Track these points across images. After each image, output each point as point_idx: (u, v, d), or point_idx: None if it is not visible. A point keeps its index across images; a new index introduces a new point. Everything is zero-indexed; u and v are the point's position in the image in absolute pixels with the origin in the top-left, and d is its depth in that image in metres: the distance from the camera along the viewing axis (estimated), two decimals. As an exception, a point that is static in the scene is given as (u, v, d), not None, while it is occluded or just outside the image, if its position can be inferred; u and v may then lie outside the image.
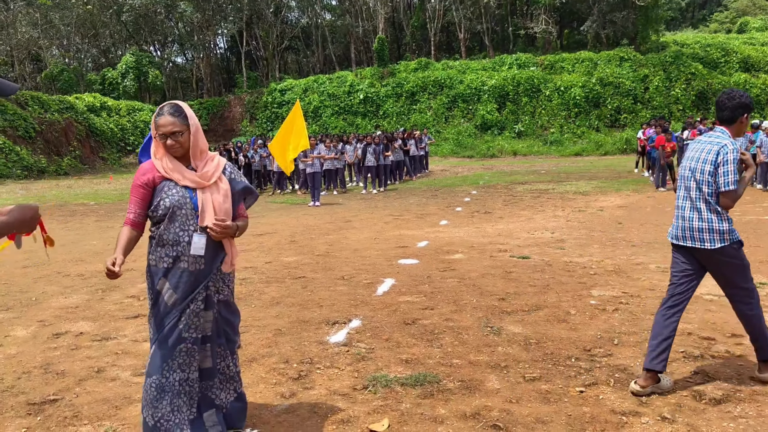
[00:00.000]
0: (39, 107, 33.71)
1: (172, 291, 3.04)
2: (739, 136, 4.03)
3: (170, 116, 3.02)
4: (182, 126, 3.03)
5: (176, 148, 3.06)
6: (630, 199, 14.58)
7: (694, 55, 37.57)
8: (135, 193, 3.10)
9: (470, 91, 38.62)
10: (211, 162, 3.18)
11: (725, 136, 3.89)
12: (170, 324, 3.04)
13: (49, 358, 4.87)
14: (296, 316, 5.80)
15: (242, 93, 46.96)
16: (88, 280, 7.75)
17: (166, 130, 3.02)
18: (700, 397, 3.79)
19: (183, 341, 3.08)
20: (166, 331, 3.04)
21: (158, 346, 3.04)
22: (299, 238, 10.53)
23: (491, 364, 4.46)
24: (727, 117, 3.92)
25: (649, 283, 6.61)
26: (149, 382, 3.03)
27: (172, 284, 3.04)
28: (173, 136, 3.02)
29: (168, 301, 3.04)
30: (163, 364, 3.03)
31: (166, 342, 3.03)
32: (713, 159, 3.81)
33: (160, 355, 3.03)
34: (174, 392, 3.06)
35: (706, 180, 3.85)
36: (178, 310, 3.05)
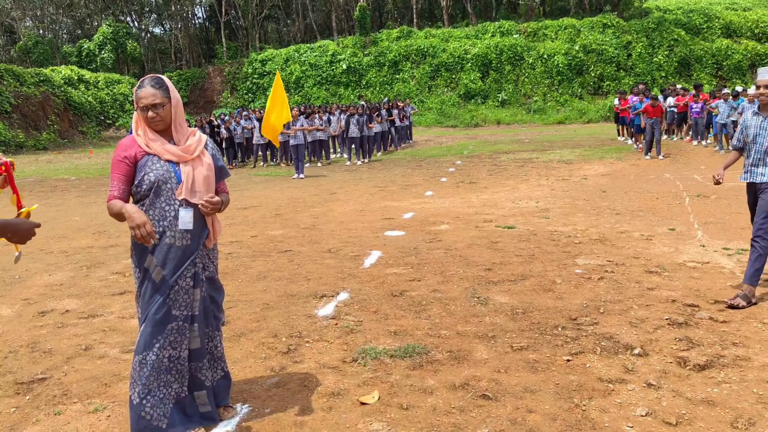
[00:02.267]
0: (14, 81, 33.03)
1: (160, 267, 3.01)
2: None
3: (151, 88, 2.99)
4: (163, 98, 2.99)
5: (157, 121, 3.01)
6: (614, 167, 14.66)
7: (677, 21, 37.50)
8: (117, 169, 3.02)
9: (453, 59, 38.37)
10: (193, 136, 3.16)
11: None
12: (159, 301, 3.02)
13: (35, 337, 4.84)
14: (284, 290, 5.80)
15: (222, 64, 46.26)
16: (71, 256, 7.68)
17: (147, 102, 2.98)
18: (685, 364, 3.86)
19: (174, 319, 3.06)
20: (155, 309, 3.02)
21: (148, 324, 3.01)
22: (284, 211, 10.49)
23: (479, 334, 4.50)
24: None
25: (634, 251, 6.68)
26: (138, 359, 3.01)
27: (159, 260, 3.01)
28: (154, 108, 2.99)
29: (156, 278, 3.01)
30: (153, 341, 3.01)
31: (156, 320, 3.01)
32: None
33: (150, 332, 3.01)
34: (163, 368, 3.06)
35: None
36: (167, 286, 3.03)
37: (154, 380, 3.02)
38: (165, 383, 3.07)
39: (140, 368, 3.00)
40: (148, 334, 3.01)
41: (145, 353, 3.01)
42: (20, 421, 3.50)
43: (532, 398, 3.50)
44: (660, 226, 7.84)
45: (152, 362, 3.01)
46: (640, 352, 4.06)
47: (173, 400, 3.11)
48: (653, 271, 5.88)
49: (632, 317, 4.70)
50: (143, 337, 3.01)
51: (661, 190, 10.77)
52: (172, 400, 3.10)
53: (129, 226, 2.90)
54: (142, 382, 2.99)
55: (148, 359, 3.00)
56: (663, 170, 13.47)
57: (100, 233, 9.20)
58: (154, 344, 3.01)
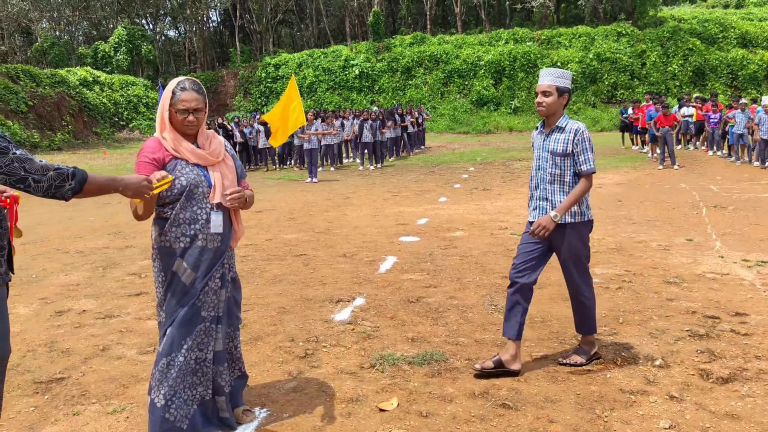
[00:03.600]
0: (30, 81, 33.31)
1: (191, 270, 3.00)
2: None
3: (195, 92, 2.96)
4: (203, 103, 3.00)
5: (194, 126, 3.00)
6: (628, 176, 14.58)
7: (692, 30, 37.31)
8: (145, 171, 2.91)
9: (466, 66, 38.35)
10: (215, 139, 3.16)
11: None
12: (190, 303, 3.01)
13: (53, 336, 4.86)
14: (299, 294, 5.79)
15: (236, 67, 46.46)
16: (87, 257, 7.70)
17: (191, 105, 2.95)
18: (707, 376, 3.81)
19: (202, 320, 3.06)
20: (186, 310, 3.00)
21: (176, 326, 2.99)
22: (298, 215, 10.49)
23: (497, 342, 4.47)
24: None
25: (651, 261, 6.62)
26: (165, 361, 2.99)
27: (190, 263, 3.00)
28: (196, 113, 2.97)
29: (186, 281, 3.00)
30: (181, 343, 2.99)
31: (186, 321, 3.00)
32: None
33: (178, 334, 2.99)
34: (189, 370, 3.04)
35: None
36: (197, 288, 3.02)
37: (181, 382, 3.01)
38: (190, 385, 3.06)
39: (167, 370, 2.99)
40: (176, 336, 3.00)
41: (173, 355, 2.99)
42: (39, 420, 3.50)
43: (553, 408, 3.46)
44: (677, 237, 7.77)
45: (180, 364, 2.99)
46: (661, 363, 4.01)
47: (197, 402, 3.10)
48: (672, 282, 5.83)
49: (652, 328, 4.65)
50: (170, 340, 3.00)
51: (677, 200, 10.70)
52: (196, 402, 3.09)
53: (139, 189, 2.65)
54: (169, 384, 2.97)
55: (176, 361, 2.99)
56: (678, 180, 13.38)
57: (115, 234, 9.23)
58: (182, 346, 3.00)
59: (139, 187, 2.62)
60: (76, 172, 2.20)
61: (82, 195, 2.26)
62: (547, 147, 3.86)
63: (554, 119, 3.84)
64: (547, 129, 3.88)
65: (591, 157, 3.79)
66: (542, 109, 3.79)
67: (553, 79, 3.76)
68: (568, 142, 3.78)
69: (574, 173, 3.82)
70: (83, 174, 2.22)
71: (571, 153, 3.78)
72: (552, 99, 3.76)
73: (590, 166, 3.78)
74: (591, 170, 3.78)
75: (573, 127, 3.78)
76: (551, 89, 3.75)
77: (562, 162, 3.80)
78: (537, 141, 3.99)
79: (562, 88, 3.76)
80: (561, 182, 3.82)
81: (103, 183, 2.35)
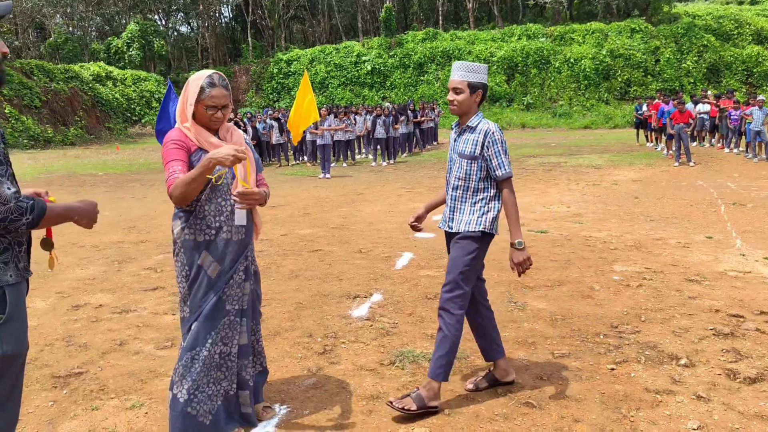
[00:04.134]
0: (44, 76, 33.50)
1: (216, 263, 2.96)
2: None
3: (224, 89, 2.93)
4: (230, 99, 3.00)
5: (220, 121, 2.98)
6: (644, 173, 14.44)
7: (707, 26, 36.98)
8: (176, 154, 2.86)
9: (478, 62, 38.10)
10: (235, 132, 3.12)
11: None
12: (216, 297, 2.97)
13: (70, 331, 4.84)
14: (316, 290, 5.75)
15: (248, 63, 46.53)
16: (103, 251, 7.70)
17: (220, 102, 2.92)
18: (734, 376, 3.73)
19: (227, 314, 3.02)
20: (211, 304, 2.97)
21: (201, 320, 2.95)
22: (312, 211, 10.46)
23: (518, 340, 4.41)
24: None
25: (671, 258, 6.53)
26: (189, 356, 2.94)
27: (216, 256, 2.96)
28: (224, 109, 2.96)
29: (212, 274, 2.96)
30: (206, 337, 2.95)
31: (211, 315, 2.96)
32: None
33: (203, 328, 2.95)
34: (213, 365, 3.00)
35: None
36: (223, 281, 2.99)
37: (204, 376, 2.97)
38: (214, 380, 3.02)
39: (191, 365, 2.94)
40: (201, 330, 2.95)
41: (197, 350, 2.95)
42: (58, 415, 3.48)
43: (578, 407, 3.40)
44: (696, 234, 7.67)
45: (204, 358, 2.95)
46: (686, 362, 3.94)
47: (221, 398, 3.06)
48: (693, 280, 5.74)
49: (675, 326, 4.58)
50: (195, 334, 2.95)
51: (694, 197, 10.57)
52: (221, 397, 3.05)
53: (221, 158, 2.66)
54: (192, 378, 2.93)
55: (200, 355, 2.95)
56: (695, 177, 13.23)
57: (130, 229, 9.24)
58: (206, 340, 2.96)
59: (172, 183, 2.72)
60: (35, 206, 2.15)
61: (37, 227, 2.21)
62: (456, 148, 3.47)
63: (466, 118, 3.42)
64: (459, 128, 3.49)
65: (505, 160, 3.34)
66: (454, 107, 3.39)
67: (464, 74, 3.35)
68: (477, 144, 3.35)
69: (481, 179, 3.38)
70: (42, 209, 2.17)
71: (480, 156, 3.36)
72: (464, 96, 3.35)
73: (505, 171, 3.35)
74: (507, 175, 3.35)
75: (484, 128, 3.36)
76: (462, 85, 3.34)
77: (469, 166, 3.38)
78: (451, 141, 3.60)
79: (474, 84, 3.34)
80: (465, 188, 3.40)
81: (60, 212, 2.29)
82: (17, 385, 2.29)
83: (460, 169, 3.42)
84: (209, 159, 2.69)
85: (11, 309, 2.18)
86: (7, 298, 2.18)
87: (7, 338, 2.17)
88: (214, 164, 2.69)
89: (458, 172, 3.42)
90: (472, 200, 3.39)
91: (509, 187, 3.37)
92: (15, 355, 2.21)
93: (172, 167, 2.83)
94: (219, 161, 2.67)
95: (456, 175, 3.44)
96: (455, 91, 3.36)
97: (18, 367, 2.27)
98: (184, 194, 2.76)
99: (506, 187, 3.37)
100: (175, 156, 2.86)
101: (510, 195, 3.37)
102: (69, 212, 2.33)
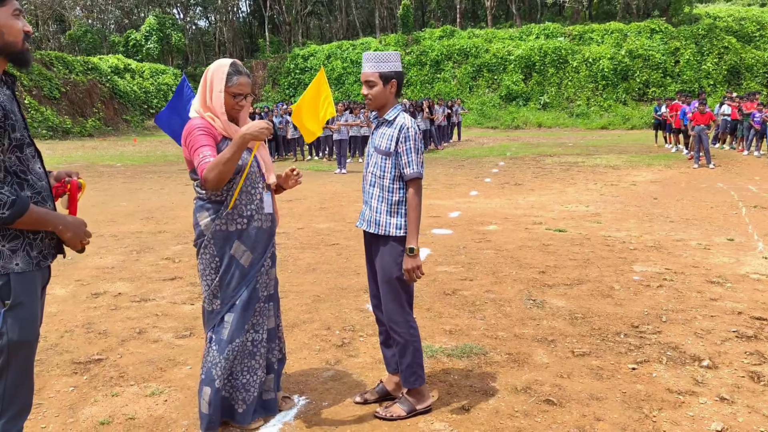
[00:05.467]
0: (63, 68, 33.75)
1: (249, 252, 2.96)
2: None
3: (247, 77, 2.96)
4: (251, 87, 3.03)
5: (243, 109, 3.00)
6: (663, 174, 14.31)
7: (728, 28, 36.51)
8: (206, 140, 2.84)
9: (496, 60, 38.02)
10: (252, 121, 3.12)
11: None
12: (251, 286, 2.97)
13: (90, 318, 4.87)
14: (334, 283, 5.74)
15: (265, 58, 46.62)
16: (121, 240, 7.74)
17: (246, 90, 2.95)
18: (758, 379, 3.68)
19: (257, 301, 3.02)
20: (247, 293, 2.96)
21: (240, 311, 2.94)
22: (328, 205, 10.46)
23: (537, 337, 4.37)
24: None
25: (692, 260, 6.46)
26: (231, 347, 2.93)
27: (249, 245, 2.96)
28: (248, 97, 3.00)
29: (245, 263, 2.96)
30: (245, 326, 2.96)
31: (248, 305, 2.96)
32: None
33: (242, 318, 2.95)
34: (246, 352, 3.00)
35: None
36: (256, 270, 2.99)
37: (238, 364, 2.97)
38: (249, 369, 3.01)
39: (231, 355, 2.94)
40: (239, 320, 2.94)
41: (239, 340, 2.94)
42: (79, 400, 3.50)
43: (599, 406, 3.37)
44: (717, 236, 7.58)
45: (237, 346, 2.95)
46: (709, 364, 3.89)
47: (258, 388, 3.04)
48: (714, 282, 5.67)
49: (697, 328, 4.52)
50: (234, 325, 2.93)
51: (714, 199, 10.45)
52: (257, 388, 3.04)
53: (256, 132, 2.73)
54: (227, 366, 2.93)
55: (241, 347, 2.96)
56: (714, 179, 13.09)
57: (147, 219, 9.28)
58: (245, 328, 2.97)
59: (205, 161, 2.76)
60: (16, 201, 2.08)
61: (14, 225, 2.14)
62: (373, 142, 3.26)
63: (383, 111, 3.22)
64: (377, 122, 3.29)
65: (415, 159, 3.12)
66: (369, 101, 3.19)
67: (375, 65, 3.14)
68: (392, 139, 3.14)
69: (395, 177, 3.17)
70: (23, 207, 2.09)
71: (394, 153, 3.15)
72: (377, 89, 3.14)
73: (414, 170, 3.12)
74: (415, 174, 3.12)
75: (400, 122, 3.15)
76: (374, 77, 3.13)
77: (384, 162, 3.17)
78: (370, 134, 3.38)
79: (386, 75, 3.14)
80: (381, 186, 3.19)
81: (44, 217, 2.17)
82: (27, 373, 2.27)
83: (375, 165, 3.21)
84: (243, 135, 2.70)
85: (16, 296, 2.15)
86: (12, 285, 2.15)
87: (12, 325, 2.14)
88: (248, 140, 2.73)
89: (374, 168, 3.21)
90: (389, 200, 3.17)
91: (416, 188, 3.14)
92: (21, 342, 2.18)
93: (202, 152, 2.80)
94: (254, 136, 2.71)
95: (372, 171, 3.23)
96: (368, 85, 3.15)
97: (27, 355, 2.24)
98: (220, 174, 2.72)
99: (413, 188, 3.13)
100: (204, 142, 2.84)
101: (414, 197, 3.13)
102: (54, 219, 2.23)
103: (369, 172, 3.26)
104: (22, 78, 29.25)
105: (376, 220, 3.19)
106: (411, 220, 3.15)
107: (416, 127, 3.18)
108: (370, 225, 3.22)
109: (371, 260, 3.35)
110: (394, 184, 3.17)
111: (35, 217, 2.16)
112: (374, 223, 3.20)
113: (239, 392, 2.97)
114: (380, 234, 3.19)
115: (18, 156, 2.18)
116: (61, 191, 2.43)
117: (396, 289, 3.21)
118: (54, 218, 2.24)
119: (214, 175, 2.72)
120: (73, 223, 2.29)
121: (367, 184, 3.28)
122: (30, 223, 2.16)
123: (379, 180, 3.19)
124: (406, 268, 3.13)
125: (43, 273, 2.32)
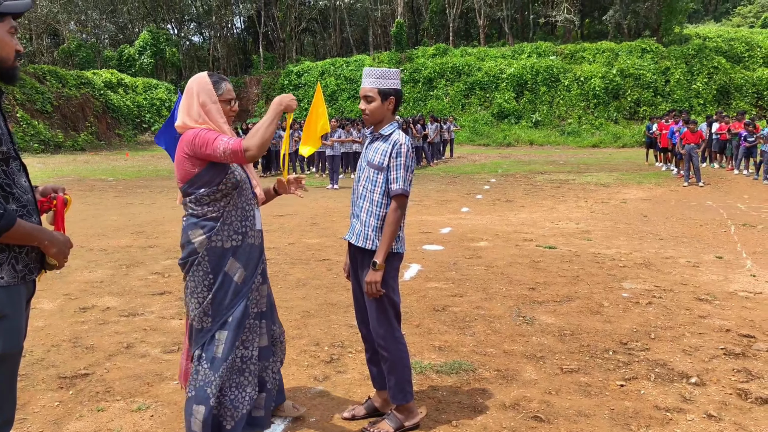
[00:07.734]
0: (56, 82, 33.74)
1: (243, 269, 2.96)
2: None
3: (229, 81, 3.08)
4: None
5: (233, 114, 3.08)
6: (653, 192, 14.40)
7: (718, 48, 36.96)
8: (216, 133, 2.86)
9: (488, 78, 38.28)
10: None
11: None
12: (243, 303, 2.95)
13: (77, 332, 4.83)
14: (323, 299, 5.73)
15: (258, 74, 46.78)
16: (111, 255, 7.71)
17: (233, 95, 3.07)
18: (746, 396, 3.69)
19: (248, 318, 3.01)
20: (240, 311, 2.94)
21: (235, 328, 2.92)
22: (320, 221, 10.46)
23: (526, 354, 4.38)
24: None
25: (681, 277, 6.49)
26: (226, 365, 2.90)
27: (242, 262, 2.96)
28: (234, 102, 3.08)
29: (239, 280, 2.95)
30: (236, 343, 2.94)
31: (241, 322, 2.94)
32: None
33: (235, 335, 2.93)
34: (236, 369, 2.97)
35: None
36: (248, 287, 2.98)
37: (227, 380, 2.94)
38: (237, 385, 2.97)
39: (224, 373, 2.92)
40: (232, 337, 2.92)
41: (231, 357, 2.92)
42: (64, 415, 3.47)
43: (587, 423, 3.37)
44: (706, 254, 7.63)
45: (230, 363, 2.93)
46: (697, 381, 3.90)
47: (247, 405, 3.00)
48: (703, 299, 5.70)
49: (685, 345, 4.54)
50: (228, 343, 2.91)
51: (704, 217, 10.52)
52: (246, 405, 2.99)
53: (288, 102, 2.94)
54: (218, 383, 2.89)
55: (232, 364, 2.95)
56: (704, 198, 13.18)
57: (138, 233, 9.25)
58: (236, 346, 2.95)
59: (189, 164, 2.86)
60: (3, 216, 2.07)
61: (0, 240, 2.12)
62: (366, 156, 3.29)
63: (380, 126, 3.25)
64: (372, 136, 3.32)
65: (403, 175, 3.14)
66: (366, 117, 3.21)
67: (375, 81, 3.17)
68: (385, 155, 3.17)
69: (384, 192, 3.18)
70: (9, 221, 2.09)
71: (386, 168, 3.17)
72: (375, 105, 3.17)
73: (400, 186, 3.13)
74: (400, 191, 3.13)
75: (394, 138, 3.19)
76: (373, 93, 3.16)
77: (376, 176, 3.19)
78: (363, 148, 3.41)
79: (385, 91, 3.16)
80: (370, 200, 3.20)
81: (30, 232, 2.17)
82: (11, 386, 2.25)
83: (367, 179, 3.23)
84: (278, 104, 2.88)
85: (2, 309, 2.14)
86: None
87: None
88: (281, 110, 2.89)
89: (365, 182, 3.23)
90: (377, 214, 3.18)
91: (399, 204, 3.14)
92: (5, 355, 2.16)
93: (221, 138, 2.82)
94: (289, 106, 2.93)
95: (363, 185, 3.24)
96: (366, 100, 3.18)
97: (10, 368, 2.23)
98: (262, 139, 2.74)
99: (396, 203, 3.14)
100: (216, 134, 2.86)
101: (394, 212, 3.13)
102: (40, 234, 2.21)
103: (360, 185, 3.28)
104: (14, 92, 29.24)
105: (366, 234, 3.19)
106: (385, 234, 3.14)
107: (410, 144, 3.21)
108: (359, 239, 3.22)
109: (357, 275, 3.34)
110: (383, 200, 3.18)
111: (22, 232, 2.15)
112: (363, 237, 3.20)
113: (227, 409, 2.93)
114: (368, 248, 3.19)
115: (3, 169, 2.17)
116: (46, 207, 2.42)
117: (383, 305, 3.21)
118: (40, 233, 2.23)
119: (256, 141, 2.73)
120: (59, 239, 2.28)
121: (357, 197, 3.29)
122: (16, 238, 2.15)
123: (369, 194, 3.20)
124: (367, 281, 3.14)
125: (29, 287, 2.30)
